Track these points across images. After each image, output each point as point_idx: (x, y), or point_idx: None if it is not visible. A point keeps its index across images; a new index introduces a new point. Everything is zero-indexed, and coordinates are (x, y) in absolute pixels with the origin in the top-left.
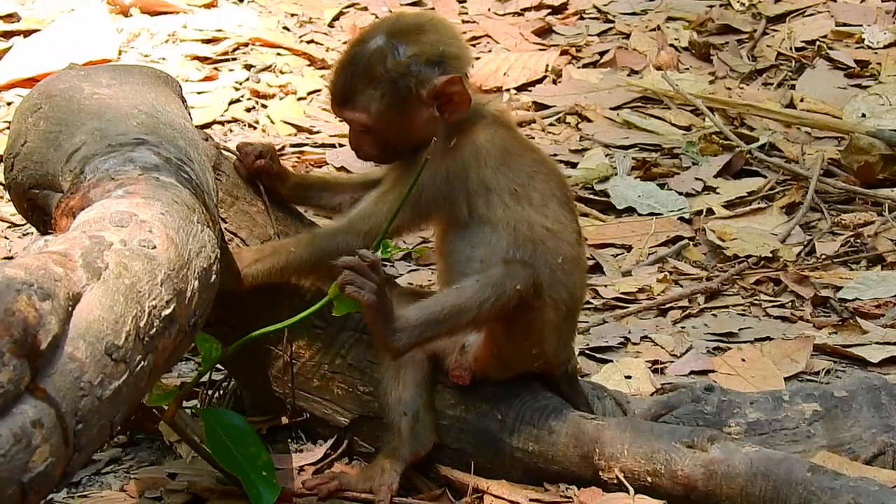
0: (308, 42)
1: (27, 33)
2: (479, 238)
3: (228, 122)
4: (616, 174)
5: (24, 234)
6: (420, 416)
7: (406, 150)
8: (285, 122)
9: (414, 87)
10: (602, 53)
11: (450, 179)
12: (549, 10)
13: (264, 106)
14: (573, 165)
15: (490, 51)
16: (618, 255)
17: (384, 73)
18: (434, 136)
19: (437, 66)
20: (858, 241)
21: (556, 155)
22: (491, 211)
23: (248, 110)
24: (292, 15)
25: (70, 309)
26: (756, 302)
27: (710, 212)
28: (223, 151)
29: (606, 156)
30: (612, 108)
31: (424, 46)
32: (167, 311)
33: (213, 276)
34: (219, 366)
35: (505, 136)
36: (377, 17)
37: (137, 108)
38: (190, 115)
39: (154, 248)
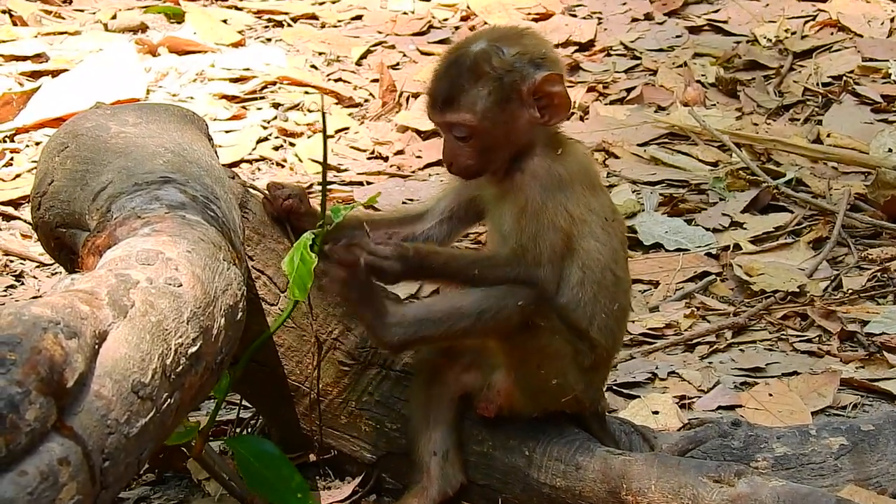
0: (336, 80)
1: (55, 73)
2: None
3: (256, 160)
4: (643, 210)
5: (52, 274)
6: (449, 456)
7: (503, 160)
8: (313, 161)
9: (518, 84)
10: (629, 90)
11: (560, 187)
12: (576, 47)
13: (292, 144)
14: None
15: None
16: (645, 290)
17: (490, 71)
18: (534, 144)
19: (540, 66)
20: (885, 275)
21: None
22: (580, 241)
23: (276, 149)
24: (320, 53)
25: (96, 347)
26: (783, 337)
27: (737, 247)
28: (250, 189)
29: (633, 192)
30: (639, 145)
31: (527, 47)
32: (193, 349)
33: (240, 314)
34: (246, 403)
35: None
36: (404, 55)
37: (164, 146)
38: (217, 153)
39: (180, 285)
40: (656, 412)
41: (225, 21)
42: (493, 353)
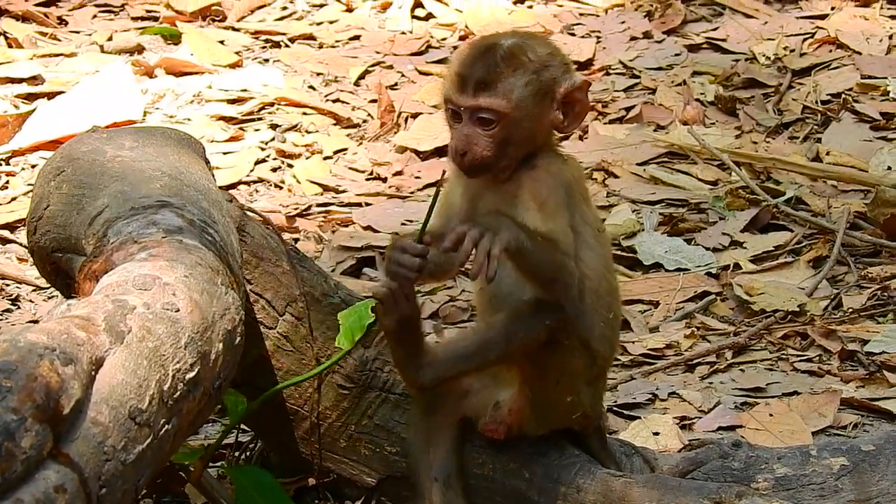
0: (334, 101)
1: (51, 95)
2: None
3: (254, 182)
4: (643, 230)
5: (48, 298)
6: (451, 482)
7: (516, 158)
8: (311, 182)
9: (554, 83)
10: (628, 109)
11: (569, 187)
12: (574, 66)
13: (290, 166)
14: None
15: None
16: (645, 311)
17: (529, 63)
18: (542, 149)
19: (568, 72)
20: (885, 294)
21: None
22: (578, 249)
23: (274, 170)
24: (318, 74)
25: (93, 373)
26: (783, 356)
27: (736, 266)
28: (247, 212)
29: (633, 211)
30: (638, 164)
31: (555, 51)
32: (191, 374)
33: (238, 338)
34: (245, 427)
35: None
36: (403, 75)
37: (160, 170)
38: (213, 176)
39: (177, 311)
40: (657, 433)
41: (222, 42)
42: (503, 373)
